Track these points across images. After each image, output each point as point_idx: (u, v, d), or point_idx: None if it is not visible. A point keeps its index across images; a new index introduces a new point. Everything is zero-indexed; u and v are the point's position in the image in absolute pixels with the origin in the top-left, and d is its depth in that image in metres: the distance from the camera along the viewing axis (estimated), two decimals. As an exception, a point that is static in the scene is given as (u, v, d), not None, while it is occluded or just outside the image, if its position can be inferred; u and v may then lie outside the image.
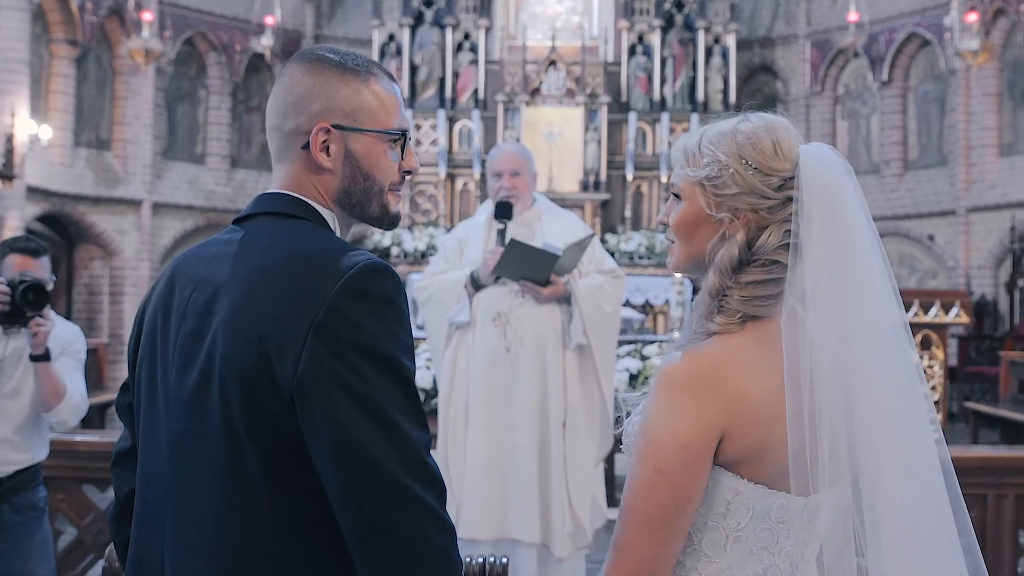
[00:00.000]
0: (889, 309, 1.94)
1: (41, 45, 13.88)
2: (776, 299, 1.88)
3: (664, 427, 1.80)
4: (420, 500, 1.73)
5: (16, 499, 4.18)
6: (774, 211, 1.90)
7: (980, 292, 14.18)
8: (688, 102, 15.71)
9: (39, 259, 4.24)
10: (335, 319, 1.74)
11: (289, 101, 1.99)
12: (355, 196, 1.99)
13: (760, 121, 1.97)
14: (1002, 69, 14.44)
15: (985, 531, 4.97)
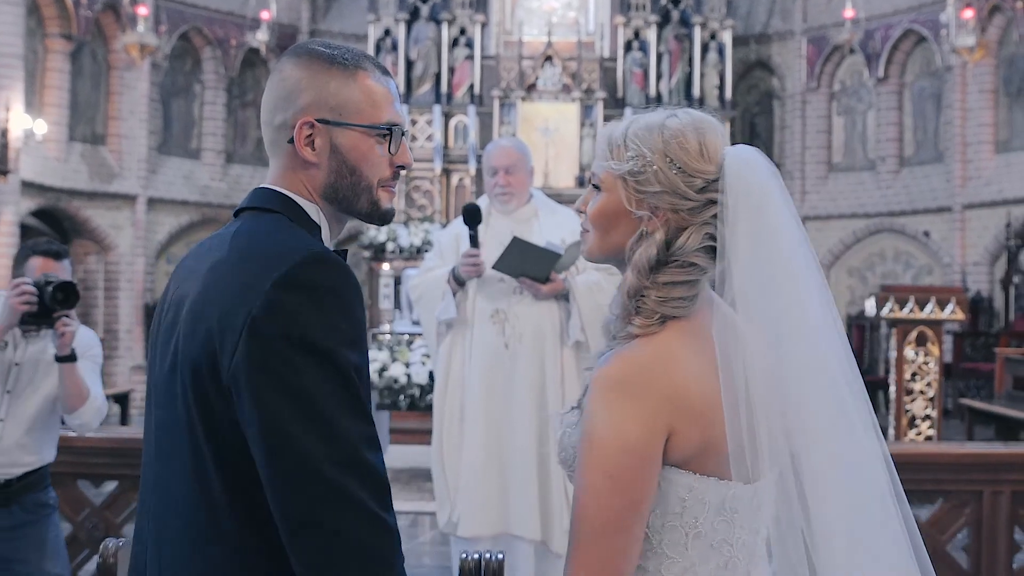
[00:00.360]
0: (820, 309, 1.90)
1: (36, 39, 13.85)
2: (694, 299, 1.87)
3: (608, 432, 1.77)
4: (351, 497, 1.69)
5: (26, 499, 4.18)
6: (694, 212, 1.88)
7: (976, 289, 14.20)
8: (684, 98, 15.70)
9: (61, 261, 4.24)
10: (268, 311, 1.73)
11: (278, 95, 2.00)
12: (342, 191, 1.97)
13: (688, 119, 1.94)
14: (998, 66, 14.45)
15: (981, 528, 4.98)
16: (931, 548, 4.95)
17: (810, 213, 16.48)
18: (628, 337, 1.86)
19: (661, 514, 1.81)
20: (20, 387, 4.16)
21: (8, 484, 4.13)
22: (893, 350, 8.29)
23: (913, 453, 5.53)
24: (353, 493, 1.69)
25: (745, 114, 17.12)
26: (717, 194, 1.88)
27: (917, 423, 8.16)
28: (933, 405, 8.16)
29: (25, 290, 3.97)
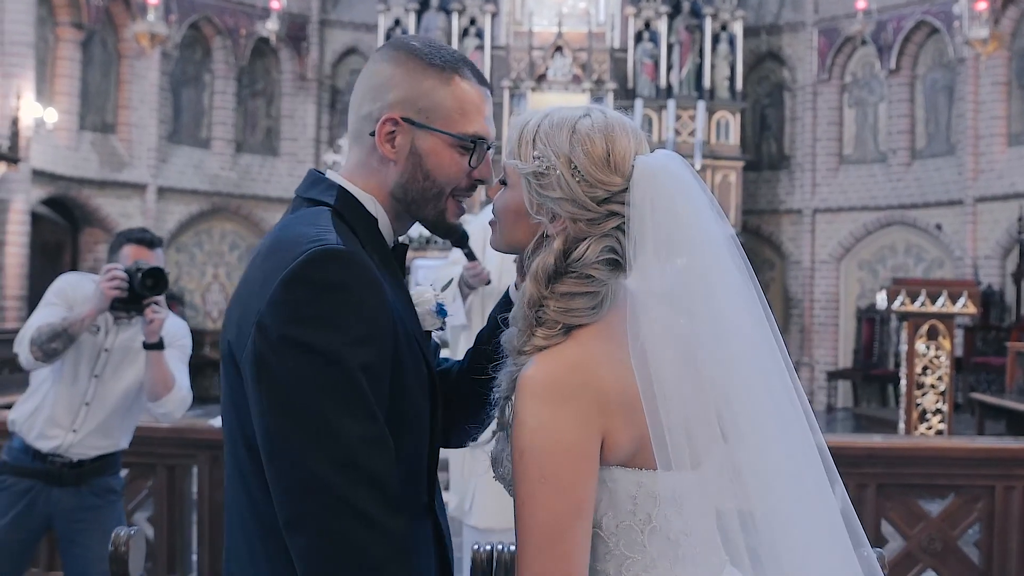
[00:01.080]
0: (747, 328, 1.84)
1: (46, 28, 13.86)
2: (598, 308, 1.80)
3: (542, 438, 1.72)
4: (342, 496, 1.67)
5: (96, 482, 4.27)
6: (594, 224, 1.82)
7: (987, 282, 14.14)
8: (694, 89, 15.67)
9: (154, 250, 4.29)
10: (274, 308, 1.73)
11: (368, 86, 1.97)
12: (411, 194, 1.95)
13: (601, 121, 1.85)
14: (1011, 58, 14.38)
15: (993, 523, 4.96)
16: (943, 543, 4.95)
17: (820, 206, 16.44)
18: (534, 349, 1.79)
19: (614, 516, 1.78)
20: (108, 373, 4.24)
21: (81, 464, 4.22)
22: (904, 344, 8.26)
23: (924, 447, 5.52)
24: (346, 494, 1.67)
25: (756, 106, 17.07)
26: (621, 206, 1.81)
27: (928, 417, 8.13)
28: (944, 399, 8.14)
29: (116, 275, 4.02)
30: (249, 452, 1.80)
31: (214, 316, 16.27)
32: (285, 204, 16.50)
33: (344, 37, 17.25)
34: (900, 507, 5.01)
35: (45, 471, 4.19)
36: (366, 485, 1.68)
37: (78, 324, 4.03)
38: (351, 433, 1.69)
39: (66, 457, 4.19)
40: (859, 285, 16.28)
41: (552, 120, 1.86)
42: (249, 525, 1.83)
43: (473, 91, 1.96)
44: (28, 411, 4.23)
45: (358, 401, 1.71)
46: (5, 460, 4.28)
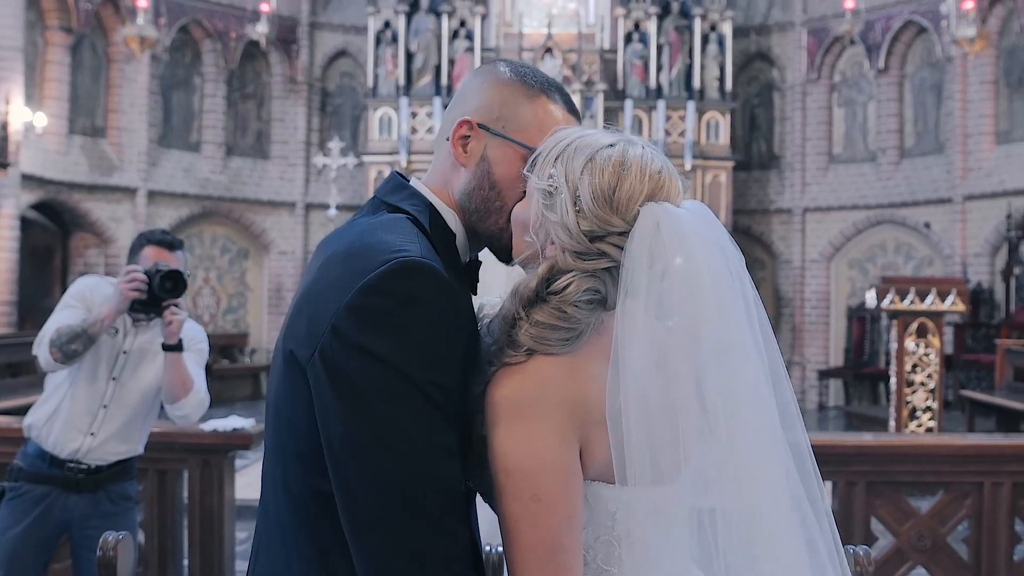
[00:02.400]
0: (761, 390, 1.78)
1: (35, 32, 13.84)
2: (572, 342, 1.73)
3: (523, 457, 1.70)
4: (417, 502, 1.67)
5: (112, 488, 4.28)
6: (581, 259, 1.75)
7: (976, 280, 14.19)
8: (684, 89, 15.70)
9: (174, 252, 4.30)
10: (351, 313, 1.70)
11: (458, 94, 1.98)
12: (475, 202, 1.92)
13: (620, 155, 1.77)
14: (999, 56, 14.43)
15: (981, 519, 4.98)
16: (932, 540, 4.97)
17: (810, 205, 16.48)
18: (501, 364, 1.75)
19: (593, 530, 1.76)
20: (126, 375, 4.24)
21: (99, 470, 4.23)
22: (894, 342, 8.29)
23: (914, 445, 5.53)
24: (419, 500, 1.67)
25: (745, 106, 17.10)
26: (614, 249, 1.75)
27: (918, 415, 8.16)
28: (934, 397, 8.17)
29: (135, 277, 4.04)
30: (298, 457, 1.80)
31: (205, 320, 16.24)
32: (276, 207, 16.66)
33: (334, 40, 17.25)
34: (889, 504, 5.03)
35: (63, 477, 4.19)
36: (438, 492, 1.68)
37: (98, 325, 4.04)
38: (424, 442, 1.68)
39: (84, 463, 4.19)
40: (849, 284, 16.33)
41: (581, 143, 1.80)
42: (286, 523, 1.84)
43: (558, 113, 1.94)
44: (45, 415, 4.23)
45: (430, 412, 1.69)
46: (20, 466, 4.25)
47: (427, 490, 1.68)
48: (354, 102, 17.18)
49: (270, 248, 16.78)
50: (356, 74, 17.15)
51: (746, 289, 1.80)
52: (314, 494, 1.78)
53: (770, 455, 1.80)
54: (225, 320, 16.66)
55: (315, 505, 1.79)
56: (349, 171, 15.93)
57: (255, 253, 16.92)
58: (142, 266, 4.13)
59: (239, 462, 5.56)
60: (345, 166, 15.70)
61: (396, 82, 15.76)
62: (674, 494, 1.78)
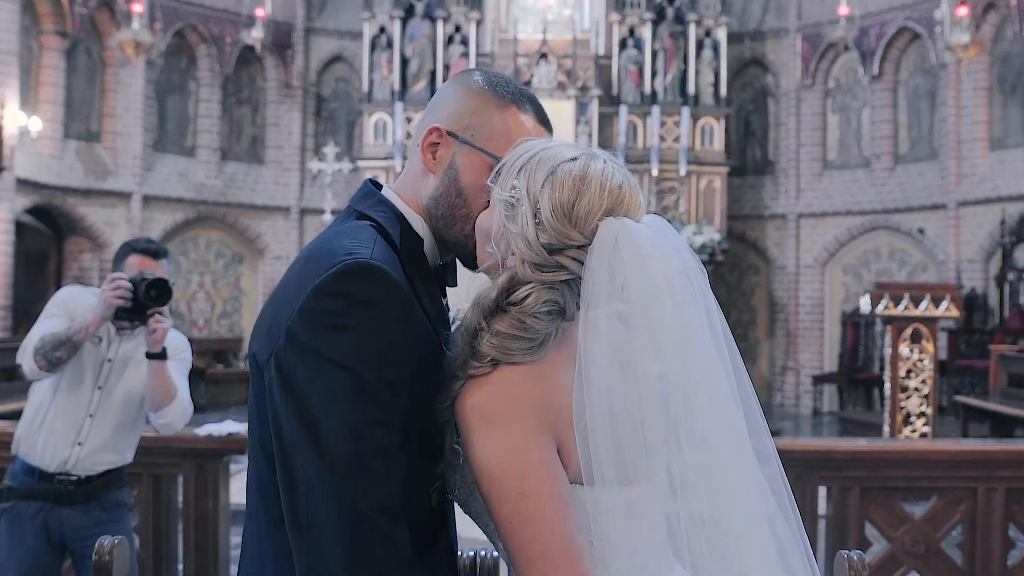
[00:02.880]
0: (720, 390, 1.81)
1: (30, 36, 13.83)
2: (535, 350, 1.75)
3: (503, 455, 1.71)
4: (347, 502, 1.68)
5: (105, 497, 4.27)
6: (540, 270, 1.76)
7: (970, 286, 14.21)
8: (679, 95, 15.72)
9: (159, 261, 4.31)
10: (302, 316, 1.74)
11: (431, 104, 2.02)
12: (442, 208, 1.94)
13: (581, 170, 1.79)
14: (992, 63, 14.46)
15: (975, 524, 4.99)
16: (926, 545, 4.97)
17: (805, 211, 16.50)
18: (466, 378, 1.76)
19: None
20: (111, 384, 4.24)
21: (88, 480, 4.22)
22: (888, 347, 8.30)
23: (908, 450, 5.54)
24: (351, 500, 1.68)
25: (740, 111, 17.13)
26: (572, 262, 1.77)
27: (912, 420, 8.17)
28: (928, 402, 8.18)
29: (120, 284, 4.03)
30: (265, 457, 1.82)
31: (200, 325, 16.23)
32: (271, 212, 16.65)
33: (329, 45, 17.26)
34: (883, 510, 5.03)
35: (53, 491, 4.17)
36: (372, 494, 1.69)
37: (82, 332, 4.03)
38: (369, 443, 1.69)
39: (73, 475, 4.18)
40: (844, 289, 16.34)
41: (544, 156, 1.82)
42: (262, 521, 1.86)
43: (529, 124, 1.96)
44: (29, 428, 4.22)
45: (375, 413, 1.71)
46: (11, 486, 4.23)
47: (361, 494, 1.69)
48: (349, 107, 17.19)
49: (265, 253, 16.78)
50: (351, 79, 17.16)
51: (708, 301, 1.83)
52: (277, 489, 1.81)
53: (736, 460, 1.82)
54: (220, 325, 16.64)
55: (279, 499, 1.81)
56: (344, 176, 15.92)
57: (250, 258, 16.91)
58: (127, 274, 4.12)
59: (234, 467, 5.55)
60: (340, 171, 15.69)
61: (391, 87, 15.77)
62: (646, 495, 1.79)
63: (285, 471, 1.74)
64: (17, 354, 4.17)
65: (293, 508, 1.73)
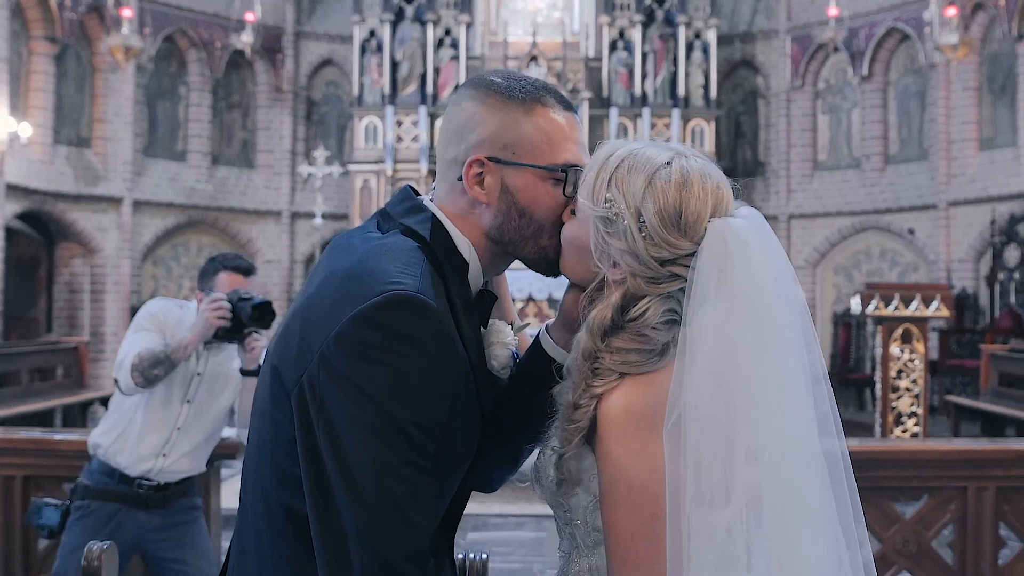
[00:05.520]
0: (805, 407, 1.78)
1: (20, 42, 13.80)
2: (658, 358, 1.73)
3: (645, 471, 1.68)
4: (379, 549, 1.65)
5: (179, 502, 4.36)
6: (653, 283, 1.74)
7: (961, 286, 14.25)
8: (669, 97, 15.74)
9: (250, 278, 4.36)
10: (340, 343, 1.68)
11: (452, 129, 1.91)
12: (508, 234, 1.88)
13: (680, 174, 1.75)
14: (981, 63, 14.50)
15: (966, 523, 4.99)
16: (917, 545, 4.98)
17: (796, 212, 16.52)
18: (591, 399, 1.73)
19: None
20: (199, 398, 4.31)
21: (167, 487, 4.30)
22: (879, 347, 8.31)
23: (899, 450, 5.55)
24: (382, 546, 1.65)
25: (730, 113, 17.16)
26: (685, 269, 1.74)
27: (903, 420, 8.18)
28: (919, 402, 8.19)
29: (222, 306, 4.10)
30: (274, 465, 1.80)
31: (192, 329, 16.20)
32: (262, 216, 16.63)
33: (319, 49, 17.25)
34: (875, 510, 5.04)
35: (132, 495, 4.25)
36: (403, 543, 1.66)
37: (180, 351, 4.09)
38: (397, 487, 1.66)
39: (153, 481, 4.26)
40: (835, 290, 16.37)
41: (632, 163, 1.77)
42: (263, 529, 1.84)
43: (558, 118, 1.89)
44: (114, 436, 4.27)
45: (408, 455, 1.67)
46: (87, 484, 4.28)
47: (400, 542, 1.66)
48: (339, 111, 17.18)
49: (256, 257, 16.75)
50: (341, 83, 17.15)
51: (799, 295, 1.80)
52: (289, 512, 1.78)
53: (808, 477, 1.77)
54: (211, 329, 16.59)
55: (290, 522, 1.79)
56: (335, 180, 15.92)
57: (241, 262, 16.86)
58: (217, 291, 4.19)
59: (225, 471, 5.55)
60: (331, 175, 15.68)
61: (382, 91, 15.76)
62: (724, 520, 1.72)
63: (317, 504, 1.70)
64: (114, 369, 4.21)
65: (323, 545, 1.70)
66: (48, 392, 10.81)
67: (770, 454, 1.73)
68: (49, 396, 10.63)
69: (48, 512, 4.28)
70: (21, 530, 5.02)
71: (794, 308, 1.77)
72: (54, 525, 4.28)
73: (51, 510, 4.28)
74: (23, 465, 5.06)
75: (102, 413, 11.16)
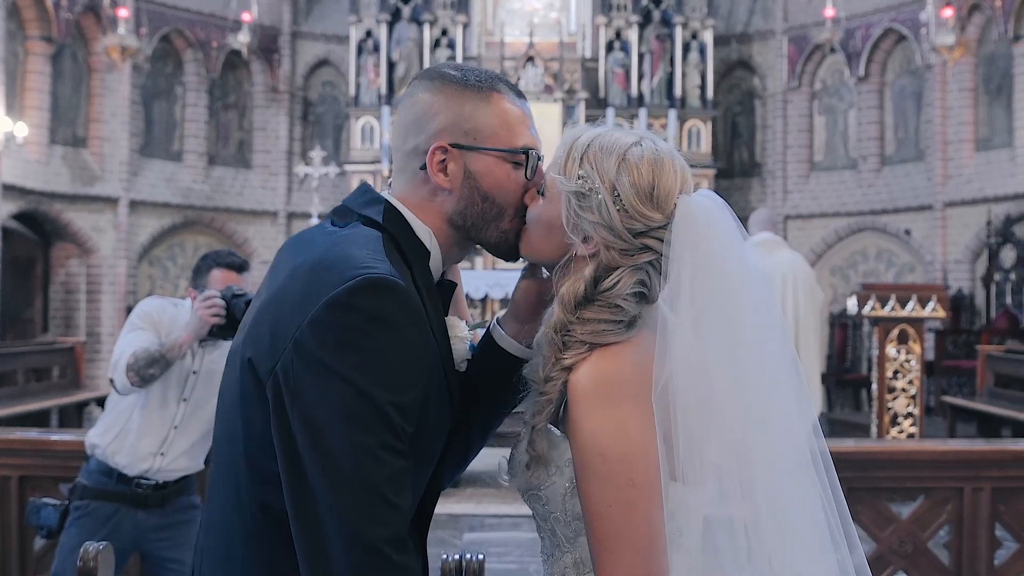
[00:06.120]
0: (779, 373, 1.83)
1: (16, 42, 13.79)
2: (628, 328, 1.79)
3: (620, 439, 1.71)
4: (360, 532, 1.66)
5: (177, 501, 4.37)
6: (626, 255, 1.81)
7: (957, 286, 14.26)
8: (666, 98, 15.75)
9: (243, 275, 4.38)
10: (315, 329, 1.69)
11: (409, 120, 1.94)
12: (471, 218, 1.92)
13: (651, 153, 1.83)
14: (978, 64, 14.51)
15: (962, 524, 5.00)
16: (913, 545, 4.98)
17: (792, 212, 16.53)
18: (563, 372, 1.78)
19: None
20: (196, 396, 4.32)
21: (165, 486, 4.32)
22: (875, 348, 8.31)
23: (895, 451, 5.56)
24: (362, 530, 1.65)
25: (727, 114, 17.16)
26: (656, 242, 1.80)
27: (899, 421, 8.19)
28: (915, 403, 8.20)
29: (216, 303, 4.11)
30: (248, 461, 1.80)
31: (188, 329, 16.17)
32: (258, 217, 16.61)
33: (316, 49, 17.24)
34: (870, 510, 5.04)
35: (131, 494, 4.26)
36: (383, 525, 1.67)
37: (175, 350, 4.10)
38: (376, 470, 1.67)
39: (152, 480, 4.26)
40: (831, 291, 16.35)
41: (603, 141, 1.85)
42: (234, 534, 1.83)
43: (514, 104, 1.95)
44: (112, 436, 4.28)
45: (386, 438, 1.68)
46: (85, 484, 4.29)
47: (380, 525, 1.66)
48: (336, 111, 17.17)
49: (252, 257, 16.73)
50: (338, 83, 17.14)
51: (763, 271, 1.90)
52: (264, 509, 1.78)
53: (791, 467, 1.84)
54: (208, 330, 16.57)
55: (265, 519, 1.78)
56: (331, 180, 15.91)
57: (237, 262, 16.85)
58: (212, 289, 4.19)
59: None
60: (327, 175, 15.68)
61: (378, 91, 15.76)
62: (710, 494, 1.79)
63: (294, 494, 1.70)
64: (109, 369, 4.22)
65: (303, 535, 1.70)
66: (44, 392, 10.79)
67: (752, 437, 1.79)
68: (45, 396, 10.62)
69: (47, 512, 4.29)
70: (17, 530, 5.02)
71: (762, 281, 1.87)
72: (53, 525, 4.28)
73: (50, 510, 4.28)
74: (19, 466, 5.06)
75: (98, 413, 11.15)
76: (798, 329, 8.05)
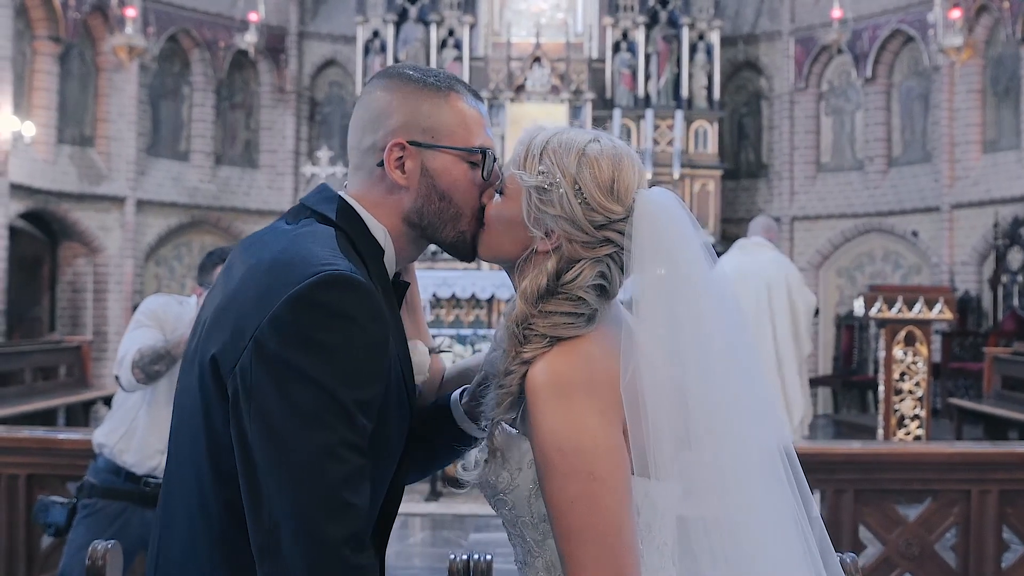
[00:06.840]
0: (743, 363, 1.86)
1: (24, 42, 13.81)
2: (588, 322, 1.81)
3: (576, 435, 1.71)
4: (316, 532, 1.64)
5: None
6: (588, 247, 1.84)
7: (964, 288, 14.23)
8: (672, 99, 15.73)
9: None
10: (275, 326, 1.68)
11: (366, 118, 1.95)
12: (427, 217, 1.93)
13: (611, 149, 1.88)
14: (985, 66, 14.48)
15: (969, 527, 4.99)
16: (920, 548, 4.98)
17: (799, 213, 16.51)
18: (521, 365, 1.79)
19: None
20: None
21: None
22: (882, 350, 8.30)
23: (902, 453, 5.55)
24: (321, 529, 1.64)
25: (733, 115, 17.14)
26: (616, 235, 1.84)
27: (906, 423, 8.18)
28: (922, 405, 8.19)
29: None
30: (211, 461, 1.78)
31: (194, 329, 16.17)
32: (265, 216, 16.60)
33: (323, 49, 17.25)
34: (877, 512, 5.04)
35: (139, 493, 4.25)
36: (342, 525, 1.66)
37: (181, 346, 4.09)
38: (335, 469, 1.66)
39: (160, 478, 4.22)
40: (838, 292, 16.35)
41: (561, 139, 1.88)
42: (199, 537, 1.82)
43: (471, 105, 1.97)
44: (119, 435, 4.28)
45: (346, 435, 1.67)
46: (93, 483, 4.29)
47: (332, 522, 1.65)
48: (343, 111, 17.16)
49: (259, 257, 16.76)
50: (345, 83, 17.15)
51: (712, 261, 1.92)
52: (230, 508, 1.76)
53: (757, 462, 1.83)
54: (214, 329, 16.58)
55: (230, 520, 1.76)
56: (338, 180, 15.90)
57: (244, 262, 16.85)
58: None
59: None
60: (334, 175, 15.68)
61: (385, 91, 15.74)
62: (677, 490, 1.80)
63: (251, 493, 1.69)
64: (114, 366, 4.21)
65: (258, 529, 1.69)
66: (51, 391, 10.82)
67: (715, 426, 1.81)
68: (52, 395, 10.64)
69: (55, 510, 4.29)
70: (25, 529, 5.03)
71: (719, 272, 1.92)
72: (61, 523, 4.28)
73: (58, 508, 4.29)
74: (27, 464, 5.07)
75: (105, 412, 11.17)
76: (775, 328, 7.98)
